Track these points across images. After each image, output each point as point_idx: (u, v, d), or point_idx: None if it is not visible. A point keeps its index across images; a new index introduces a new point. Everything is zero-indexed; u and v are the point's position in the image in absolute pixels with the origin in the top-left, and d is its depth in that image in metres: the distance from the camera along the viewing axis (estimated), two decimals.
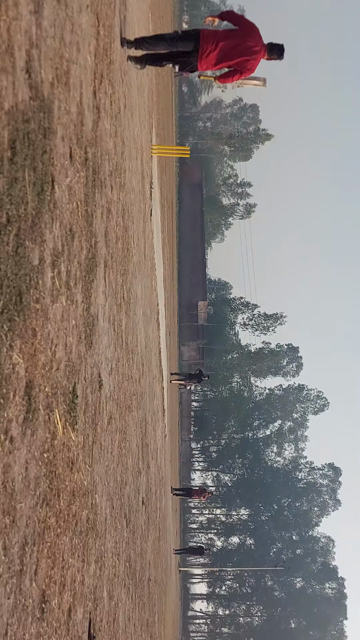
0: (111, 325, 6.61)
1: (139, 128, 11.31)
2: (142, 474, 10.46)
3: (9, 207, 2.90)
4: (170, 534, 26.64)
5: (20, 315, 3.00)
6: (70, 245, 4.34)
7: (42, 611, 3.20)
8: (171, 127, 41.78)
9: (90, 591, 4.76)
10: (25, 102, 3.28)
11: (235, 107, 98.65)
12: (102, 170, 6.18)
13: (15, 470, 2.82)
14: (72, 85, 4.66)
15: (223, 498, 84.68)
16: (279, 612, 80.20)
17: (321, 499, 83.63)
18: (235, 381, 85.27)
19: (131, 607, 8.08)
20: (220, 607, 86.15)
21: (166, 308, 26.10)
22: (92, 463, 5.03)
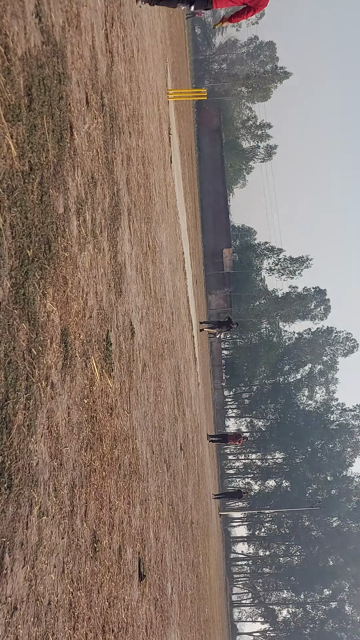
0: (139, 274, 6.60)
1: (153, 72, 11.06)
2: (179, 421, 10.60)
3: (31, 155, 2.87)
4: (208, 479, 27.14)
5: (51, 263, 3.00)
6: (93, 193, 4.31)
7: (94, 550, 3.29)
8: (186, 70, 40.79)
9: (137, 532, 4.88)
10: (37, 47, 3.21)
11: (250, 45, 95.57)
12: (119, 116, 6.08)
13: (58, 415, 2.86)
14: (84, 29, 4.55)
15: (258, 443, 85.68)
16: (316, 550, 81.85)
17: (354, 440, 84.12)
18: (264, 327, 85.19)
19: (176, 548, 8.29)
20: (261, 548, 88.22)
21: (191, 257, 25.98)
22: (130, 409, 5.09)
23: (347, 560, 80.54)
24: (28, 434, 2.42)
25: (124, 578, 4.17)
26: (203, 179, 64.76)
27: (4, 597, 2.02)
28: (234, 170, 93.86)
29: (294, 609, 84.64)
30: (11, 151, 2.54)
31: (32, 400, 2.51)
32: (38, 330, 2.68)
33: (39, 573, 2.40)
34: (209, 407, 40.51)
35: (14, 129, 2.61)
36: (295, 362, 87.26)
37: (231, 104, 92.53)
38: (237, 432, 31.26)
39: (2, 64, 2.53)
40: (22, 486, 2.30)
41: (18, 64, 2.77)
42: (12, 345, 2.33)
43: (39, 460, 2.53)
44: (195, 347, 21.61)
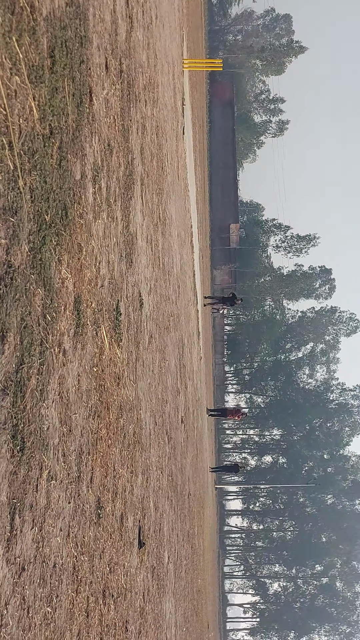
0: (149, 245, 6.58)
1: (169, 41, 10.90)
2: (181, 394, 10.65)
3: (51, 119, 2.84)
4: (206, 452, 27.35)
5: (67, 229, 2.99)
6: (109, 161, 4.27)
7: (98, 516, 3.33)
8: (201, 41, 40.17)
9: (138, 501, 4.93)
10: (61, 8, 3.16)
11: (267, 17, 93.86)
12: (136, 83, 6.00)
13: (69, 382, 2.87)
14: None
15: (256, 419, 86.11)
16: (310, 527, 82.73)
17: (352, 419, 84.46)
18: (268, 304, 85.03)
19: (174, 518, 8.39)
20: (255, 522, 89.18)
21: (199, 230, 25.86)
22: (135, 380, 5.11)
23: (340, 538, 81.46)
24: (40, 399, 2.43)
25: (124, 545, 4.22)
26: (213, 151, 64.16)
27: (13, 557, 2.05)
28: (245, 145, 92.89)
29: (285, 583, 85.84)
30: (33, 113, 2.51)
31: (45, 366, 2.52)
32: (53, 296, 2.68)
33: (46, 535, 2.43)
34: (209, 381, 40.68)
35: (37, 90, 2.57)
36: (297, 340, 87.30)
37: (244, 77, 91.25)
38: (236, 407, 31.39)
39: (27, 23, 2.49)
40: (34, 449, 2.31)
41: (42, 25, 2.73)
42: (28, 310, 2.33)
43: (49, 425, 2.55)
44: (199, 321, 21.63)
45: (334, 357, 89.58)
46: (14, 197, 2.25)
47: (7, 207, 2.18)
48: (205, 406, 28.14)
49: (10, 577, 2.03)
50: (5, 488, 2.00)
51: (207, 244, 49.06)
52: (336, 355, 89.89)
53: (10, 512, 2.03)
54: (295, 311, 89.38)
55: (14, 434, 2.11)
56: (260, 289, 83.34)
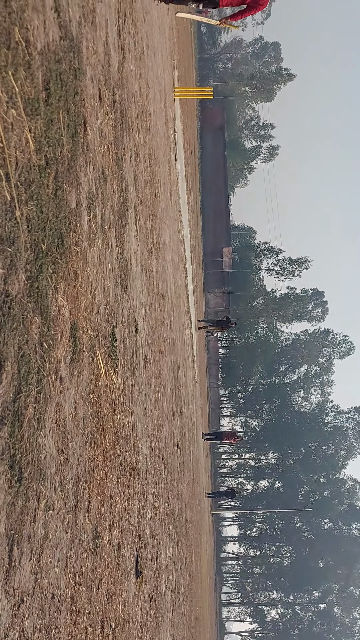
0: (143, 270, 6.61)
1: (161, 70, 11.06)
2: (176, 418, 10.62)
3: (47, 149, 2.87)
4: (202, 477, 27.17)
5: (63, 257, 3.01)
6: (103, 189, 4.32)
7: (95, 546, 3.30)
8: (191, 69, 40.76)
9: (135, 529, 4.90)
10: (56, 42, 3.21)
11: (256, 46, 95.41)
12: (129, 112, 6.08)
13: (65, 410, 2.87)
14: (98, 25, 4.55)
15: (252, 443, 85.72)
16: (307, 552, 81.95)
17: (347, 442, 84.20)
18: (261, 327, 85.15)
19: (171, 545, 8.31)
20: (252, 548, 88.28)
21: (192, 255, 25.98)
22: (132, 405, 5.10)
23: (338, 563, 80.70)
24: (37, 428, 2.43)
25: (122, 574, 4.18)
26: (205, 177, 64.71)
27: (12, 589, 2.03)
28: (236, 170, 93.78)
29: (282, 610, 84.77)
30: (29, 145, 2.55)
31: (43, 394, 2.52)
32: (49, 324, 2.69)
33: (44, 567, 2.41)
34: (204, 405, 40.56)
35: (33, 122, 2.61)
36: (291, 362, 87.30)
37: (235, 104, 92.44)
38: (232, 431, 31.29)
39: (23, 57, 2.54)
40: (31, 480, 2.31)
41: (37, 58, 2.78)
42: (25, 338, 2.34)
43: (47, 454, 2.54)
44: (193, 345, 21.63)
45: (328, 379, 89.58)
46: (11, 227, 2.28)
47: (4, 237, 2.20)
48: (201, 430, 28.03)
49: (9, 609, 2.02)
50: (3, 519, 1.99)
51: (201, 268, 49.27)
52: (330, 378, 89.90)
53: (8, 544, 2.02)
54: (289, 334, 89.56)
55: (11, 464, 2.11)
56: (254, 311, 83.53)
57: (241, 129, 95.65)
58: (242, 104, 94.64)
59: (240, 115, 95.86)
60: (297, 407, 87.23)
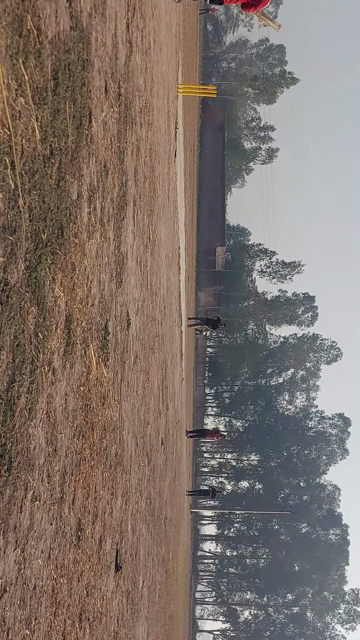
0: (138, 266, 6.60)
1: (166, 65, 11.04)
2: (162, 415, 10.62)
3: (52, 140, 2.86)
4: (184, 475, 27.20)
5: (62, 248, 3.00)
6: (104, 182, 4.30)
7: (78, 539, 3.30)
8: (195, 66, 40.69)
9: (117, 524, 4.89)
10: (66, 31, 3.20)
11: (261, 47, 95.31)
12: (133, 106, 6.07)
13: (56, 402, 2.86)
14: (108, 17, 4.53)
15: (234, 443, 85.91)
16: (283, 555, 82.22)
17: (329, 448, 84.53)
18: (250, 328, 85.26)
19: (150, 542, 8.32)
20: (228, 548, 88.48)
21: (186, 252, 25.98)
22: (120, 400, 5.10)
23: (313, 567, 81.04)
24: (29, 418, 2.42)
25: (102, 568, 4.18)
26: (202, 175, 64.67)
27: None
28: (234, 170, 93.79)
29: (256, 611, 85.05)
30: (35, 134, 2.54)
31: (35, 385, 2.51)
32: (45, 314, 2.68)
33: (28, 557, 2.40)
34: (189, 403, 40.58)
35: (40, 112, 2.60)
36: (278, 365, 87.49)
37: (236, 104, 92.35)
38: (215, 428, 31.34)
39: (34, 45, 2.52)
40: (20, 470, 2.30)
41: (48, 47, 2.76)
42: (21, 328, 2.33)
43: (36, 445, 2.53)
44: (182, 343, 21.63)
45: (314, 384, 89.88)
46: (14, 216, 2.27)
47: (6, 226, 2.19)
48: (185, 428, 28.05)
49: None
50: None
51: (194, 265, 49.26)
52: (316, 383, 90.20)
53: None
54: (277, 336, 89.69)
55: (1, 453, 2.10)
56: (244, 312, 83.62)
57: (241, 130, 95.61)
58: (243, 105, 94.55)
59: (241, 115, 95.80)
60: (282, 410, 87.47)
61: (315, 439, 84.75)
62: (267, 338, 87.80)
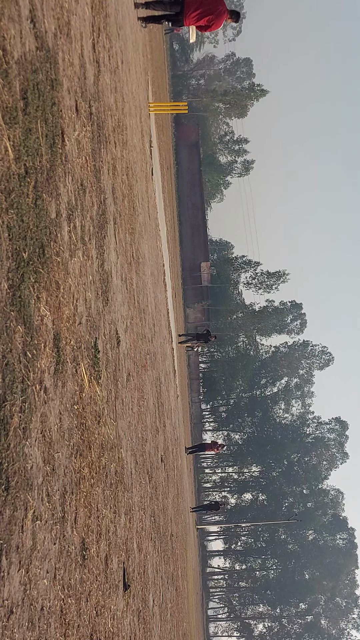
0: (124, 283, 6.60)
1: (136, 85, 11.12)
2: (160, 432, 10.57)
3: (26, 159, 2.87)
4: (187, 492, 27.03)
5: (44, 267, 3.00)
6: (82, 200, 4.31)
7: (83, 558, 3.26)
8: (165, 85, 41.04)
9: (122, 542, 4.85)
10: (32, 52, 3.22)
11: (228, 62, 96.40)
12: (105, 125, 6.10)
13: (51, 420, 2.84)
14: (74, 37, 4.57)
15: (234, 456, 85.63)
16: (293, 564, 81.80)
17: (329, 453, 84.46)
18: (241, 341, 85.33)
19: (157, 560, 8.24)
20: (237, 562, 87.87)
21: (171, 270, 26.03)
22: (116, 418, 5.07)
23: (323, 574, 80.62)
24: (23, 437, 2.40)
25: (110, 587, 4.13)
26: (181, 193, 65.03)
27: (1, 599, 2.00)
28: (212, 185, 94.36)
29: (270, 623, 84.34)
30: (8, 153, 2.54)
31: (28, 404, 2.49)
32: (33, 333, 2.67)
33: (33, 578, 2.37)
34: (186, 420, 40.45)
35: (11, 131, 2.60)
36: (272, 375, 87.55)
37: (209, 120, 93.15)
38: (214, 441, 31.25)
39: (0, 66, 2.53)
40: (19, 489, 2.27)
41: (15, 67, 2.78)
42: (9, 347, 2.31)
43: (33, 464, 2.51)
44: (174, 359, 21.60)
45: (309, 390, 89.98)
46: None
47: None
48: (184, 445, 27.94)
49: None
50: None
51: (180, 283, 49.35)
52: (311, 389, 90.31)
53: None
54: (268, 346, 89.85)
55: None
56: (234, 325, 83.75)
57: (216, 145, 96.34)
58: (216, 120, 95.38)
59: (215, 130, 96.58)
60: (279, 419, 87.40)
61: (315, 445, 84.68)
62: (259, 349, 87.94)
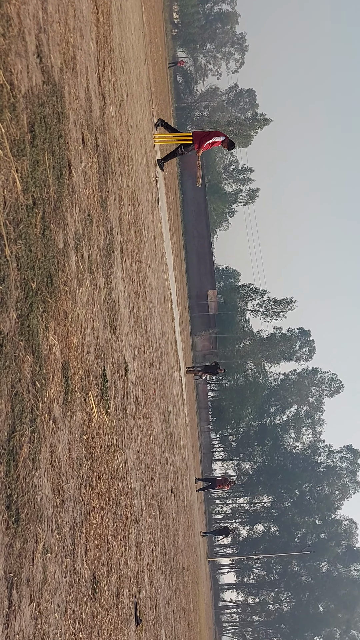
0: (131, 312, 6.61)
1: (140, 117, 11.27)
2: (169, 463, 10.48)
3: (34, 190, 2.89)
4: (197, 524, 26.70)
5: (52, 297, 3.00)
6: (89, 230, 4.34)
7: (94, 592, 3.21)
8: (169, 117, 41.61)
9: (133, 575, 4.77)
10: (39, 86, 3.27)
11: (231, 93, 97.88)
12: (111, 157, 6.17)
13: (60, 451, 2.82)
14: (79, 71, 4.64)
15: (245, 486, 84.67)
16: (307, 596, 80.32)
17: (341, 482, 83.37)
18: (250, 368, 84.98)
19: (169, 594, 8.11)
20: (250, 595, 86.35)
21: (178, 298, 26.08)
22: (125, 448, 5.03)
23: (338, 606, 79.06)
24: (33, 468, 2.38)
25: (122, 622, 4.06)
26: (187, 221, 65.48)
27: (12, 634, 1.96)
28: (217, 213, 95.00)
29: None
30: (16, 185, 2.56)
31: (37, 434, 2.48)
32: (41, 363, 2.66)
33: (44, 611, 2.33)
34: (196, 450, 40.16)
35: (19, 163, 2.63)
36: (281, 403, 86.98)
37: (213, 149, 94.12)
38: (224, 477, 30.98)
39: (8, 100, 2.57)
40: (28, 521, 2.25)
41: (22, 101, 2.82)
42: (18, 377, 2.31)
43: (42, 495, 2.48)
44: (183, 388, 21.52)
45: (319, 418, 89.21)
46: (1, 265, 2.27)
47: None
48: (194, 475, 27.67)
49: None
50: (2, 561, 1.93)
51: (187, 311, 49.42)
52: (321, 417, 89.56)
53: (8, 587, 1.95)
54: (277, 374, 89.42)
55: (8, 504, 2.05)
56: (242, 353, 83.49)
57: (221, 174, 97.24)
58: (220, 150, 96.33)
59: (219, 160, 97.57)
60: (290, 448, 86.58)
61: (326, 474, 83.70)
62: (267, 376, 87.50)
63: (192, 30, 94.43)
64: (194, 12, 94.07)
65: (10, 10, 2.93)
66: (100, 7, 6.46)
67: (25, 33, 3.12)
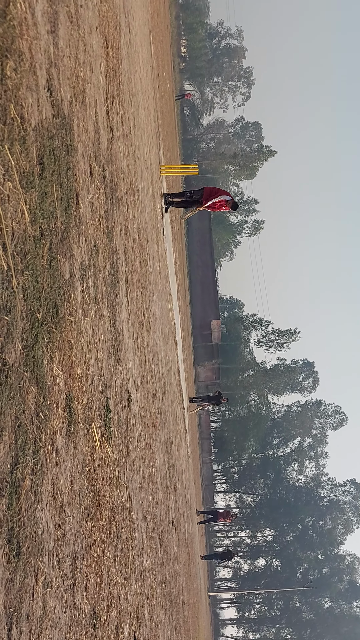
0: (135, 342, 6.61)
1: (147, 149, 11.41)
2: (171, 495, 10.38)
3: (42, 221, 2.92)
4: (198, 557, 26.34)
5: (58, 327, 3.00)
6: (95, 261, 4.36)
7: (94, 627, 3.15)
8: (176, 149, 42.11)
9: (133, 610, 4.69)
10: (48, 119, 3.32)
11: (237, 126, 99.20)
12: (118, 188, 6.23)
13: (62, 483, 2.79)
14: (88, 104, 4.71)
15: (247, 520, 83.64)
16: (308, 633, 78.81)
17: (345, 517, 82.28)
18: (253, 399, 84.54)
19: (169, 629, 7.96)
20: (251, 631, 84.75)
21: (181, 328, 26.09)
22: (127, 480, 4.99)
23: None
24: (35, 501, 2.36)
25: None
26: (192, 252, 65.82)
27: None
28: (222, 244, 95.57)
29: None
30: (25, 216, 2.58)
31: (39, 466, 2.46)
32: (45, 394, 2.65)
33: None
34: (197, 481, 39.79)
35: (28, 195, 2.66)
36: (284, 435, 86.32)
37: (219, 181, 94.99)
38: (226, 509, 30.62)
39: (18, 133, 2.60)
40: (29, 555, 2.22)
41: (32, 134, 2.85)
42: (22, 408, 2.30)
43: (44, 528, 2.45)
44: (185, 419, 21.41)
45: (322, 451, 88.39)
46: (8, 296, 2.28)
47: (1, 306, 2.20)
48: (195, 508, 27.38)
49: None
50: (2, 596, 1.90)
51: (190, 341, 49.39)
52: (324, 450, 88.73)
53: (7, 622, 1.92)
54: (280, 405, 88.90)
55: (9, 538, 2.03)
56: (245, 384, 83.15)
57: None
58: (225, 182, 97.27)
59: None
60: (292, 481, 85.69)
61: (329, 508, 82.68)
62: (271, 408, 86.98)
63: (200, 64, 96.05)
64: (201, 46, 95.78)
65: (23, 45, 2.98)
66: (110, 41, 6.57)
67: (37, 67, 3.17)
